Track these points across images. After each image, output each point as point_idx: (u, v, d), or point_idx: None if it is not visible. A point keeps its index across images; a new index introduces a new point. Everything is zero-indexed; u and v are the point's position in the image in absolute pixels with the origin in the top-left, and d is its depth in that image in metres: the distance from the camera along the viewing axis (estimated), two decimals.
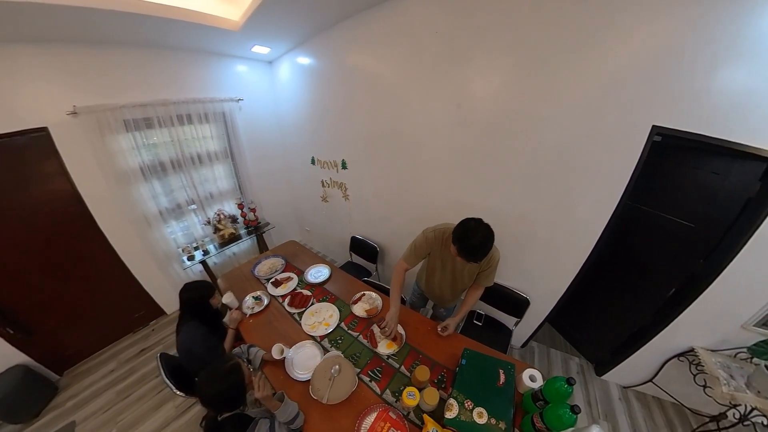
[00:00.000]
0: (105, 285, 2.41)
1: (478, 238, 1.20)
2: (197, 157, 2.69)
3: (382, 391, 1.29)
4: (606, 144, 1.48)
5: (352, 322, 1.66)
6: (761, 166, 1.40)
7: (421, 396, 1.17)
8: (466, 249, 1.22)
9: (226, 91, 2.67)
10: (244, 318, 1.72)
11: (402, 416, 1.16)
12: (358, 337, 1.55)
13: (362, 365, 1.40)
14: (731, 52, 1.17)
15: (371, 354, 1.46)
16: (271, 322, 1.70)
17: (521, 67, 1.56)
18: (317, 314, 1.70)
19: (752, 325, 1.57)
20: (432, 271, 1.68)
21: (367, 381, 1.33)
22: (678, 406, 1.89)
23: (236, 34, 2.15)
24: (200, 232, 2.86)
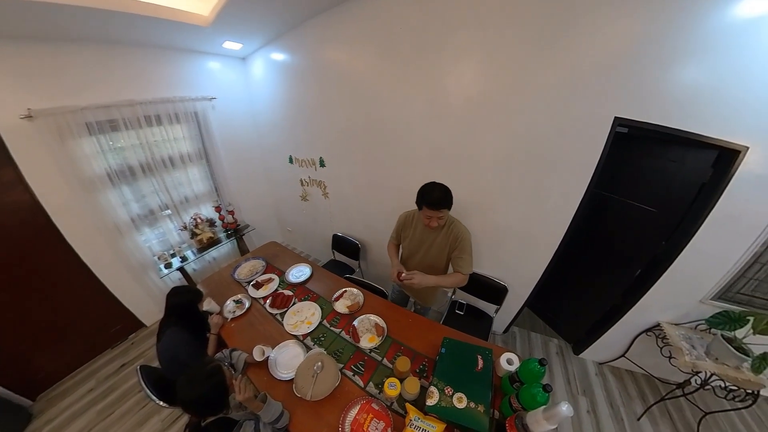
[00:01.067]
0: (76, 300, 2.29)
1: (437, 189, 1.45)
2: (169, 159, 2.60)
3: (366, 384, 1.32)
4: (573, 135, 1.58)
5: (335, 318, 1.68)
6: (713, 153, 1.54)
7: (402, 386, 1.21)
8: (430, 200, 1.43)
9: (197, 89, 2.59)
10: (225, 322, 1.70)
11: (385, 407, 1.20)
12: (340, 334, 1.58)
13: (345, 360, 1.43)
14: (685, 49, 1.28)
15: (354, 349, 1.49)
16: (253, 324, 1.70)
17: (490, 62, 1.63)
18: (299, 313, 1.72)
19: (709, 299, 1.75)
20: (408, 256, 1.78)
21: (350, 375, 1.36)
22: (648, 377, 2.07)
23: (206, 30, 2.09)
24: (177, 238, 2.77)
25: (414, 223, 1.72)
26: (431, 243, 1.64)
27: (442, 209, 1.44)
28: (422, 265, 1.70)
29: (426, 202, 1.44)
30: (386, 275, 2.13)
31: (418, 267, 1.71)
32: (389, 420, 1.15)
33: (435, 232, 1.62)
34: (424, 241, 1.66)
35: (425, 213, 1.48)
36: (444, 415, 1.13)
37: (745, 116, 1.35)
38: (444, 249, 1.62)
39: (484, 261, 2.14)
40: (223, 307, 1.79)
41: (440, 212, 1.45)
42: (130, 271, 2.45)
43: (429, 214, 1.46)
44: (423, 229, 1.63)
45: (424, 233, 1.65)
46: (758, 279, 1.64)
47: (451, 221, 1.60)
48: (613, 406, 1.94)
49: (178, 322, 1.50)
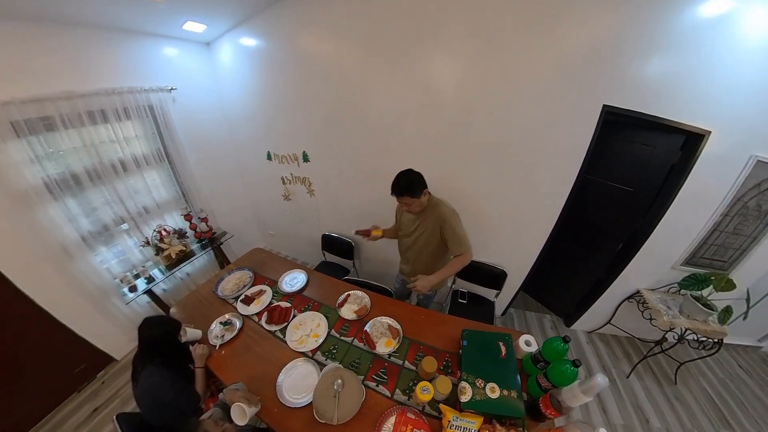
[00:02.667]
0: (26, 343, 1.87)
1: (403, 178, 1.52)
2: (121, 164, 2.22)
3: (392, 392, 1.25)
4: (565, 122, 1.69)
5: (343, 326, 1.57)
6: (681, 138, 1.77)
7: (434, 387, 1.17)
8: (395, 189, 1.52)
9: (152, 78, 2.23)
10: (213, 351, 1.47)
11: (419, 413, 1.15)
12: (353, 342, 1.48)
13: (365, 371, 1.33)
14: (661, 43, 1.44)
15: (371, 357, 1.40)
16: (250, 347, 1.50)
17: (484, 50, 1.65)
18: (302, 326, 1.57)
19: (679, 265, 2.05)
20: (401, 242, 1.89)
21: (373, 386, 1.27)
22: (630, 339, 2.39)
23: (160, 6, 1.80)
24: (139, 255, 2.41)
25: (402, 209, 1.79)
26: (417, 226, 1.71)
27: (402, 197, 1.52)
28: (415, 248, 1.79)
29: (392, 191, 1.53)
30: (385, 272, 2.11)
31: (411, 250, 1.82)
32: (428, 427, 1.11)
33: (420, 216, 1.68)
34: (414, 226, 1.73)
35: (398, 201, 1.60)
36: (481, 408, 1.13)
37: (709, 104, 1.58)
38: (433, 231, 1.66)
39: (482, 248, 2.19)
40: (207, 332, 1.55)
41: (402, 199, 1.54)
42: (89, 299, 2.07)
43: (398, 200, 1.58)
44: (410, 215, 1.71)
45: (412, 219, 1.72)
46: (717, 244, 1.97)
47: (434, 203, 1.65)
48: (605, 369, 2.21)
49: (155, 359, 1.28)
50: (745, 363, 2.40)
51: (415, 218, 1.70)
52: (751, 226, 1.92)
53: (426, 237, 1.69)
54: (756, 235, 1.96)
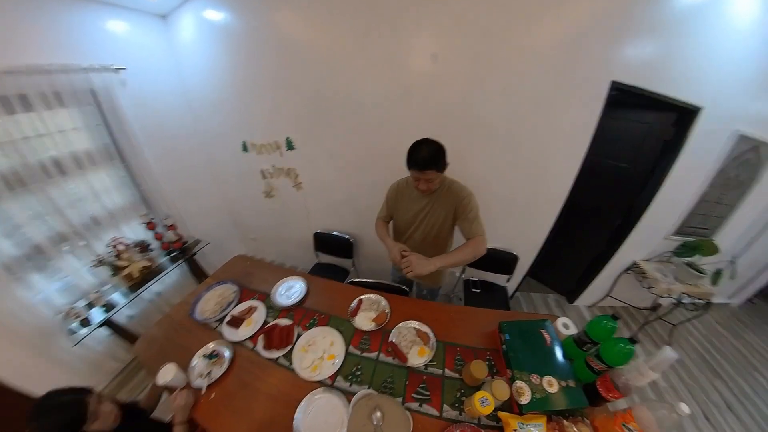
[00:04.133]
0: None
1: (423, 145, 1.27)
2: (55, 164, 1.78)
3: (440, 410, 1.08)
4: (575, 98, 1.69)
5: (363, 340, 1.33)
6: (673, 115, 1.90)
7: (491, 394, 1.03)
8: (416, 158, 1.25)
9: (94, 56, 1.80)
10: (200, 396, 1.14)
11: (476, 428, 1.02)
12: (378, 358, 1.26)
13: (402, 391, 1.13)
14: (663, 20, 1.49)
15: (405, 372, 1.20)
16: (248, 384, 1.19)
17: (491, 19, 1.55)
18: (312, 347, 1.30)
19: (671, 235, 2.23)
20: (402, 230, 1.61)
21: (417, 407, 1.08)
22: (626, 308, 2.58)
23: None
24: (91, 279, 1.97)
25: (405, 190, 1.54)
26: (428, 211, 1.46)
27: (427, 170, 1.26)
28: (419, 238, 1.54)
29: (411, 162, 1.27)
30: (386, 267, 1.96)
31: (415, 241, 1.55)
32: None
33: (430, 197, 1.44)
34: (419, 209, 1.48)
35: (412, 174, 1.32)
36: (544, 407, 1.03)
37: (702, 81, 1.70)
38: (445, 215, 1.44)
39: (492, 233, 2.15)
40: (187, 371, 1.22)
41: (426, 174, 1.27)
42: (23, 344, 1.63)
43: (416, 175, 1.30)
44: (416, 196, 1.45)
45: (418, 200, 1.46)
46: (702, 214, 2.17)
47: (449, 182, 1.44)
48: None
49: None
50: (721, 319, 2.75)
51: (423, 200, 1.45)
52: (731, 195, 2.15)
53: (433, 222, 1.48)
54: (734, 203, 2.20)
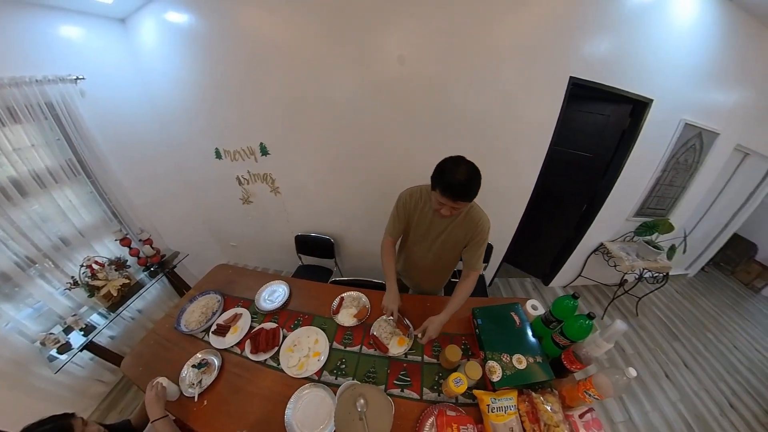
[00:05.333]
0: None
1: (461, 169, 1.08)
2: (14, 184, 1.70)
3: (421, 393, 1.19)
4: (537, 93, 1.84)
5: (346, 336, 1.42)
6: (629, 107, 2.09)
7: (464, 375, 1.16)
8: (452, 184, 1.06)
9: (48, 66, 1.72)
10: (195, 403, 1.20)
11: (457, 407, 1.12)
12: (361, 351, 1.35)
13: (384, 379, 1.23)
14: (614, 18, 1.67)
15: (387, 361, 1.30)
16: (240, 388, 1.25)
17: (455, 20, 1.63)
18: (298, 347, 1.37)
19: (632, 217, 2.48)
20: (411, 246, 1.54)
21: (399, 393, 1.19)
22: (597, 285, 2.85)
23: None
24: (66, 303, 1.92)
25: (423, 203, 1.38)
26: (443, 230, 1.37)
27: (462, 201, 1.11)
28: (428, 257, 1.50)
29: (443, 186, 1.08)
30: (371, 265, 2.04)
31: (423, 258, 1.52)
32: (469, 417, 1.09)
33: (452, 219, 1.33)
34: (435, 227, 1.38)
35: (437, 197, 1.13)
36: (514, 382, 1.16)
37: (652, 76, 1.91)
38: (459, 239, 1.37)
39: None
40: (178, 383, 1.26)
41: (458, 203, 1.11)
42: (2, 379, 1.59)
43: (442, 200, 1.11)
44: (434, 215, 1.33)
45: (436, 220, 1.35)
46: (658, 195, 2.43)
47: (471, 205, 1.31)
48: None
49: None
50: (679, 288, 3.12)
51: (442, 222, 1.34)
52: (682, 177, 2.42)
53: (449, 246, 1.42)
54: (685, 185, 2.48)
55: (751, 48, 2.03)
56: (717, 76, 2.05)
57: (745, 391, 2.31)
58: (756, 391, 2.32)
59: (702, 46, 1.89)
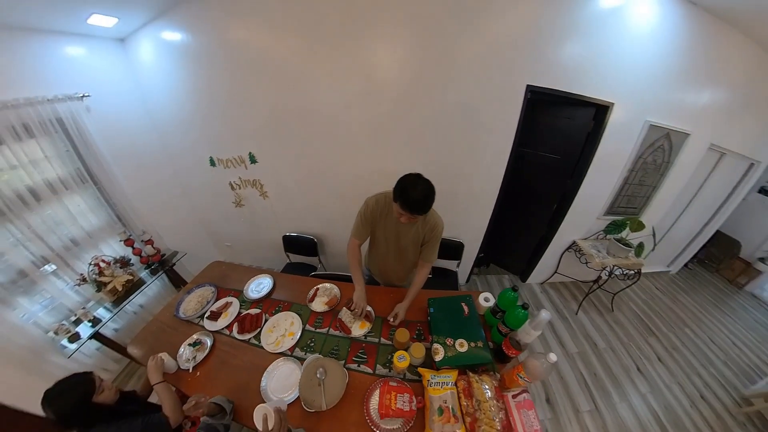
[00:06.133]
0: None
1: (419, 189, 1.27)
2: (30, 192, 1.95)
3: (374, 368, 1.39)
4: (497, 101, 2.00)
5: (317, 320, 1.67)
6: (593, 110, 2.22)
7: (409, 354, 1.35)
8: (409, 202, 1.26)
9: (57, 86, 1.96)
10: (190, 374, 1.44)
11: (401, 380, 1.31)
12: (328, 332, 1.59)
13: (345, 355, 1.45)
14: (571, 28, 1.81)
15: (348, 341, 1.52)
16: (226, 361, 1.50)
17: (420, 36, 1.82)
18: (276, 328, 1.63)
19: (602, 216, 2.60)
20: (377, 245, 1.73)
21: (355, 367, 1.40)
22: (574, 282, 2.97)
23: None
24: (76, 297, 2.17)
25: (388, 209, 1.53)
26: (405, 233, 1.57)
27: (418, 214, 1.31)
28: (388, 256, 1.74)
29: (402, 202, 1.27)
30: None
31: (385, 259, 1.77)
32: (409, 389, 1.27)
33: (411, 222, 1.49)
34: (397, 230, 1.57)
35: (397, 209, 1.32)
36: (453, 362, 1.32)
37: (611, 80, 2.04)
38: (418, 239, 1.59)
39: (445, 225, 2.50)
40: (176, 358, 1.51)
41: (415, 216, 1.31)
42: (17, 364, 1.82)
43: (402, 212, 1.31)
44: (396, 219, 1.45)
45: (397, 224, 1.49)
46: (628, 195, 2.54)
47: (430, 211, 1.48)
48: (558, 311, 2.73)
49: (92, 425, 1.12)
50: (660, 285, 3.19)
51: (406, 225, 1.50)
52: (651, 177, 2.52)
53: (409, 245, 1.63)
54: (655, 184, 2.57)
55: (717, 48, 2.07)
56: (682, 78, 2.13)
57: (718, 383, 2.40)
58: (730, 384, 2.40)
59: (663, 49, 1.98)
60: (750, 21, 1.97)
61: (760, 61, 2.22)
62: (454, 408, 1.20)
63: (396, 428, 1.17)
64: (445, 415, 1.17)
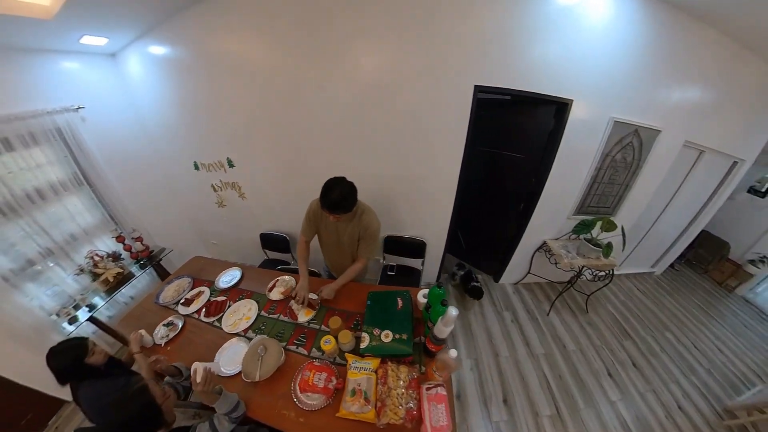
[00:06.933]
0: None
1: (336, 191, 1.46)
2: (36, 192, 2.24)
3: (309, 351, 1.55)
4: (446, 103, 2.07)
5: (272, 307, 1.86)
6: (553, 108, 2.23)
7: (337, 339, 1.48)
8: (327, 203, 1.48)
9: (55, 99, 2.24)
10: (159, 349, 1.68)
11: (328, 363, 1.45)
12: (279, 318, 1.78)
13: (287, 338, 1.63)
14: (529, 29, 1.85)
15: (294, 326, 1.70)
16: (192, 340, 1.73)
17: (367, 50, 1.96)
18: (236, 313, 1.85)
19: (572, 215, 2.58)
20: (324, 242, 1.96)
21: (294, 349, 1.58)
22: (549, 283, 2.95)
23: (50, 24, 1.84)
24: (75, 285, 2.46)
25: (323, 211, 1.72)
26: (343, 232, 1.79)
27: (336, 213, 1.50)
28: (333, 251, 1.95)
29: (323, 202, 1.48)
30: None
31: (331, 254, 1.97)
32: (331, 370, 1.39)
33: (345, 221, 1.73)
34: (337, 228, 1.79)
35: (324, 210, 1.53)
36: (375, 351, 1.42)
37: (568, 78, 2.04)
38: (354, 237, 1.79)
39: (400, 224, 2.64)
40: (153, 335, 1.76)
41: (336, 215, 1.51)
42: (23, 341, 2.10)
43: (325, 212, 1.52)
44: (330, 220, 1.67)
45: (334, 222, 1.71)
46: (599, 194, 2.52)
47: (362, 211, 1.73)
48: (529, 311, 2.73)
49: (83, 380, 1.37)
50: (642, 287, 3.10)
51: (338, 223, 1.73)
52: (622, 175, 2.48)
53: (347, 241, 1.82)
54: (628, 182, 2.52)
55: (684, 43, 2.03)
56: (648, 73, 2.10)
57: (699, 393, 2.31)
58: (712, 394, 2.31)
59: (622, 45, 1.96)
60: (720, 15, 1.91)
61: (733, 56, 2.14)
62: (368, 392, 1.31)
63: (315, 403, 1.30)
64: (356, 396, 1.29)
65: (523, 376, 2.31)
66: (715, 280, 3.30)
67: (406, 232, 2.56)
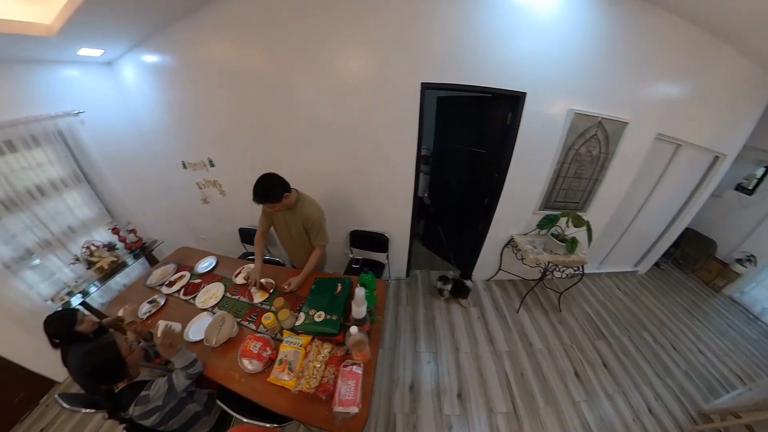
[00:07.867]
0: None
1: (260, 184, 1.73)
2: (37, 189, 2.52)
3: (258, 327, 1.81)
4: (397, 102, 2.19)
5: (235, 290, 2.16)
6: (506, 102, 2.26)
7: (276, 316, 1.67)
8: (254, 195, 1.73)
9: (57, 104, 2.53)
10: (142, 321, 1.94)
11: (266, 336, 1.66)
12: (239, 299, 2.08)
13: (242, 315, 1.92)
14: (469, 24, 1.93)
15: (249, 306, 1.99)
16: (170, 314, 2.02)
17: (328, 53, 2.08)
18: (207, 293, 2.17)
19: (539, 210, 2.58)
20: (279, 233, 2.20)
21: (246, 324, 1.84)
22: (522, 280, 2.92)
23: (52, 40, 2.11)
24: (70, 273, 2.72)
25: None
26: (291, 224, 2.02)
27: (263, 204, 1.78)
28: (287, 243, 2.17)
29: (252, 196, 1.74)
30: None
31: (287, 243, 2.16)
32: (266, 341, 1.61)
33: (289, 213, 1.97)
34: (285, 221, 2.03)
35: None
36: (306, 328, 1.61)
37: (520, 71, 2.09)
38: (301, 228, 2.00)
39: (363, 219, 2.76)
40: (138, 309, 2.01)
41: (266, 205, 1.79)
42: (20, 324, 2.36)
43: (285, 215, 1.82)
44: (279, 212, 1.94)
45: (281, 215, 2.00)
46: (565, 188, 2.51)
47: (301, 202, 1.95)
48: (497, 308, 2.74)
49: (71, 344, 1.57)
50: (624, 286, 3.00)
51: (285, 215, 1.98)
52: (589, 169, 2.45)
53: (296, 231, 2.04)
54: (597, 177, 2.48)
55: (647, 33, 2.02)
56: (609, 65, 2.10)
57: (673, 395, 2.24)
58: (687, 396, 2.23)
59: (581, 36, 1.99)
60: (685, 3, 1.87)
61: (705, 47, 2.10)
62: (293, 363, 1.48)
63: (253, 368, 1.52)
64: (282, 366, 1.47)
65: (482, 372, 2.32)
66: (703, 279, 3.15)
67: (370, 226, 2.66)
